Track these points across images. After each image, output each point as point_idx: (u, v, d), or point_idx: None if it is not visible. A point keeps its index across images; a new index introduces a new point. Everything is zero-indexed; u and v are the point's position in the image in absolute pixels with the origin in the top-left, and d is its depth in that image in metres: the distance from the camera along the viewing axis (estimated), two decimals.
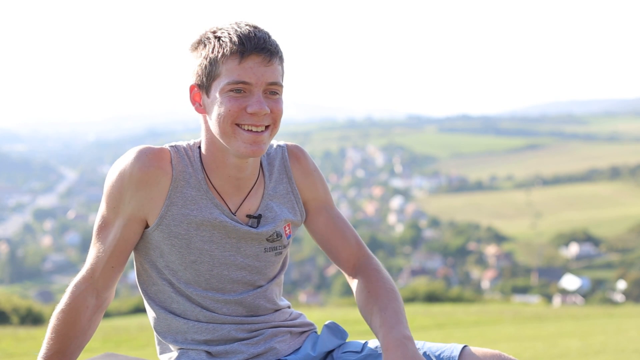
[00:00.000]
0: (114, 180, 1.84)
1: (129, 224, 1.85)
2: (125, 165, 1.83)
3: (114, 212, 1.84)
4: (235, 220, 1.89)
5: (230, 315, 1.92)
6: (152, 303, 1.95)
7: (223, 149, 1.85)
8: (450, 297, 18.40)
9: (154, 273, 1.92)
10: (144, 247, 1.91)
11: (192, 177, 1.87)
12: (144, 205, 1.84)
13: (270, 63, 1.77)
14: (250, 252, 1.92)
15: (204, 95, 1.82)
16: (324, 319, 2.17)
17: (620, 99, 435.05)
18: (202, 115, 1.86)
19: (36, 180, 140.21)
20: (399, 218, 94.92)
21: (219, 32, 1.78)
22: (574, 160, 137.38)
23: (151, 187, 1.83)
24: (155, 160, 1.83)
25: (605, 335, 7.96)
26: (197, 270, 1.88)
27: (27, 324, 11.23)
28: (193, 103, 1.85)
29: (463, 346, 1.93)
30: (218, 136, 1.81)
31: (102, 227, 1.86)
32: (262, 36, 1.77)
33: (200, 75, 1.80)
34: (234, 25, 1.78)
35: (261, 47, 1.75)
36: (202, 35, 1.81)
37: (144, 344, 7.47)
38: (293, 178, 2.01)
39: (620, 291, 52.34)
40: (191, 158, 1.89)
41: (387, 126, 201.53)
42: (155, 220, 1.85)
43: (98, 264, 1.87)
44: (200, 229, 1.86)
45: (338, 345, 2.06)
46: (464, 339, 7.49)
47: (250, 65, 1.75)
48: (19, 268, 72.63)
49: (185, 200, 1.85)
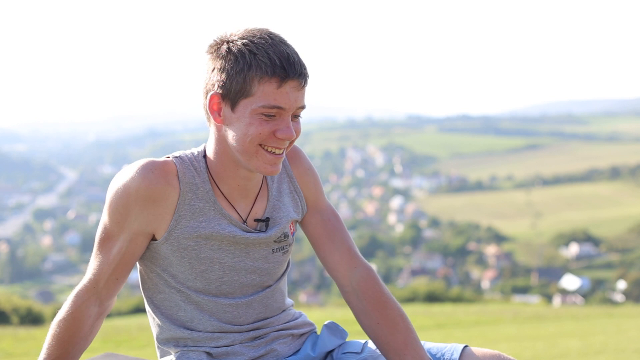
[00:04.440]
0: (118, 196, 1.77)
1: (135, 238, 1.81)
2: (130, 181, 1.76)
3: (119, 226, 1.79)
4: (244, 230, 1.88)
5: (239, 319, 1.90)
6: (157, 312, 1.92)
7: (235, 161, 1.81)
8: (451, 297, 18.40)
9: (161, 282, 1.89)
10: (151, 257, 1.88)
11: (199, 189, 1.83)
12: (151, 222, 1.80)
13: (303, 87, 1.75)
14: (258, 256, 1.91)
15: (227, 108, 1.75)
16: (324, 319, 2.16)
17: (620, 99, 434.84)
18: (217, 125, 1.80)
19: (36, 180, 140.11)
20: (399, 218, 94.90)
21: (253, 46, 1.71)
22: (574, 160, 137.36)
23: (159, 203, 1.78)
24: (161, 175, 1.78)
25: (605, 335, 7.96)
26: (207, 278, 1.86)
27: (27, 324, 11.24)
28: (211, 111, 1.77)
29: (464, 346, 1.93)
30: (237, 152, 1.76)
31: (105, 238, 1.82)
32: (299, 59, 1.73)
33: (229, 88, 1.72)
34: (269, 41, 1.72)
35: (299, 73, 1.72)
36: (230, 44, 1.73)
37: (144, 344, 7.47)
38: (294, 177, 2.00)
39: (620, 291, 52.30)
40: (197, 169, 1.84)
41: (387, 126, 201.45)
42: (163, 235, 1.82)
43: (102, 275, 1.83)
44: (210, 239, 1.84)
45: (338, 345, 2.06)
46: (464, 339, 7.49)
47: (287, 90, 1.71)
48: (19, 268, 72.56)
49: (193, 213, 1.82)
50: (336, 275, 2.01)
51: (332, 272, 2.03)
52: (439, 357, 1.92)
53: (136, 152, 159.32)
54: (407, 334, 1.90)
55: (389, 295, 1.96)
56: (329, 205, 2.05)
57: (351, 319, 2.36)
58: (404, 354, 1.88)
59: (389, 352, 1.91)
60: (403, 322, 1.92)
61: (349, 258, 2.00)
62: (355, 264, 1.99)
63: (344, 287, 2.01)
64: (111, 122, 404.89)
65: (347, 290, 2.00)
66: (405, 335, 1.90)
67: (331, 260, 2.01)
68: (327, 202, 2.06)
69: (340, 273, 2.00)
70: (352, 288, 1.98)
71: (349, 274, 1.99)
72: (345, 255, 2.00)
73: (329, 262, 2.02)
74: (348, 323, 3.93)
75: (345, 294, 2.01)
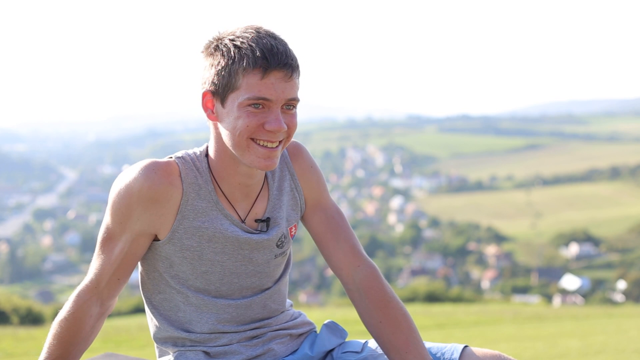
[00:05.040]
0: (121, 196, 1.77)
1: (137, 239, 1.81)
2: (133, 182, 1.76)
3: (121, 227, 1.79)
4: (245, 230, 1.88)
5: (237, 320, 1.91)
6: (155, 312, 1.93)
7: (234, 158, 1.81)
8: (450, 297, 18.39)
9: (161, 282, 1.89)
10: (152, 258, 1.88)
11: (202, 189, 1.83)
12: (154, 222, 1.80)
13: (291, 78, 1.73)
14: (261, 260, 1.91)
15: (218, 104, 1.76)
16: (324, 319, 2.16)
17: (620, 99, 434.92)
18: (213, 122, 1.81)
19: (36, 180, 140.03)
20: (399, 218, 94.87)
21: (238, 40, 1.71)
22: (574, 160, 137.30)
23: (162, 204, 1.78)
24: (164, 176, 1.78)
25: (605, 335, 7.96)
26: (207, 279, 1.86)
27: (27, 324, 11.23)
28: (205, 110, 1.79)
29: (464, 346, 1.93)
30: (231, 147, 1.77)
31: (107, 239, 1.82)
32: (285, 50, 1.71)
33: (217, 84, 1.74)
34: (254, 34, 1.72)
35: (283, 63, 1.70)
36: (219, 41, 1.75)
37: (144, 344, 7.47)
38: (295, 175, 2.00)
39: (620, 291, 52.29)
40: (200, 169, 1.84)
41: (387, 126, 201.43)
42: (166, 235, 1.82)
43: (103, 276, 1.83)
44: (212, 241, 1.84)
45: (337, 345, 2.06)
46: (464, 339, 7.49)
47: (272, 81, 1.70)
48: (19, 268, 72.53)
49: (196, 213, 1.82)
50: (340, 274, 2.02)
51: (336, 270, 2.03)
52: (439, 357, 1.92)
53: (136, 152, 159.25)
54: (410, 333, 1.90)
55: (392, 294, 1.96)
56: (333, 203, 2.05)
57: (351, 319, 2.37)
58: (405, 352, 1.88)
59: (391, 351, 1.91)
60: (405, 321, 1.92)
61: (353, 256, 2.00)
62: (358, 262, 2.00)
63: (347, 285, 2.01)
64: (111, 122, 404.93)
65: (351, 289, 2.00)
66: (408, 334, 1.90)
67: (335, 259, 2.01)
68: (331, 200, 2.05)
69: (344, 271, 2.00)
70: (356, 286, 1.99)
71: (353, 273, 1.99)
72: (348, 254, 2.00)
73: (333, 260, 2.02)
74: (348, 323, 3.93)
75: (348, 292, 2.02)
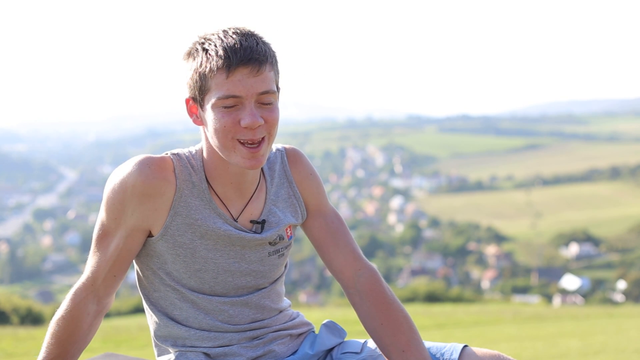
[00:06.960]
0: (115, 191, 1.78)
1: (132, 234, 1.82)
2: (127, 177, 1.77)
3: (116, 222, 1.80)
4: (238, 228, 1.88)
5: (235, 318, 1.91)
6: (154, 309, 1.93)
7: (223, 159, 1.82)
8: (450, 297, 18.37)
9: (157, 280, 1.90)
10: (146, 255, 1.88)
11: (195, 187, 1.84)
12: (148, 217, 1.81)
13: (260, 72, 1.71)
14: (254, 258, 1.91)
15: (199, 108, 1.78)
16: (323, 319, 2.17)
17: (620, 99, 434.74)
18: (200, 126, 1.83)
19: (36, 180, 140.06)
20: (399, 218, 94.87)
21: (207, 43, 1.73)
22: (574, 160, 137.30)
23: (155, 199, 1.79)
24: (158, 171, 1.79)
25: (605, 335, 7.95)
26: (201, 278, 1.87)
27: (27, 324, 11.22)
28: (190, 115, 1.81)
29: (463, 346, 1.93)
30: (218, 149, 1.78)
31: (102, 235, 1.83)
32: (249, 45, 1.70)
33: (193, 89, 1.76)
34: (221, 35, 1.72)
35: (248, 58, 1.69)
36: (192, 46, 1.77)
37: (144, 344, 7.47)
38: (294, 182, 2.00)
39: (620, 291, 52.30)
40: (194, 167, 1.85)
41: (387, 126, 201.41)
42: (159, 231, 1.83)
43: (99, 272, 1.84)
44: (205, 238, 1.84)
45: (336, 344, 2.06)
46: (464, 339, 7.49)
47: (239, 78, 1.69)
48: (19, 268, 72.55)
49: (189, 210, 1.83)
50: (341, 277, 2.02)
51: (337, 275, 2.03)
52: (439, 356, 1.92)
53: (136, 152, 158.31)
54: (410, 334, 1.91)
55: (393, 297, 1.96)
56: (332, 209, 2.05)
57: (351, 319, 2.37)
58: (406, 354, 1.88)
59: (392, 353, 1.91)
60: (406, 322, 1.92)
61: (353, 261, 2.00)
62: (359, 266, 2.00)
63: (348, 289, 2.01)
64: (111, 122, 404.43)
65: (352, 293, 2.01)
66: (408, 335, 1.90)
67: (335, 263, 2.01)
68: (330, 205, 2.06)
69: (345, 275, 2.00)
70: (357, 290, 1.99)
71: (354, 276, 1.99)
72: (349, 258, 2.00)
73: (333, 265, 2.02)
74: (348, 323, 3.93)
75: (349, 296, 2.02)
